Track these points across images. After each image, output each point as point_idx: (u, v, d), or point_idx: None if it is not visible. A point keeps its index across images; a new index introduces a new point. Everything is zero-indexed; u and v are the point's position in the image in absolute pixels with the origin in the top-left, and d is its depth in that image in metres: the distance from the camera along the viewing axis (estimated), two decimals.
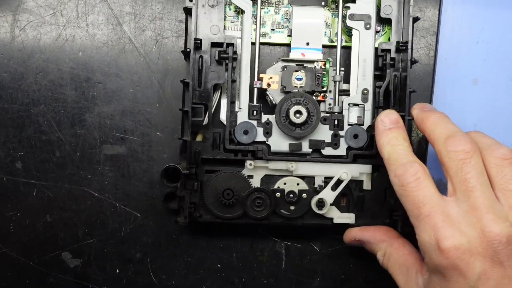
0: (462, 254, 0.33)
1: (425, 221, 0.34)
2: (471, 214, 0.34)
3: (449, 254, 0.33)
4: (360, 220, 0.45)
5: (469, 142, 0.35)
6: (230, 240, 0.48)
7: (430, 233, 0.34)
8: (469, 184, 0.34)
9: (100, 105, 0.47)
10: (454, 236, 0.33)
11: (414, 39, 0.47)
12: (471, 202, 0.34)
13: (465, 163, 0.35)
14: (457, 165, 0.35)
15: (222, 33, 0.44)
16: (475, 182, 0.34)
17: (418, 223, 0.35)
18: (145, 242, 0.48)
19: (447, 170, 0.35)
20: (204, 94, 0.44)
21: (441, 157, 0.36)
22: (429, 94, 0.48)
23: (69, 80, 0.47)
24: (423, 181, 0.35)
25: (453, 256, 0.33)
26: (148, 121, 0.47)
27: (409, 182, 0.35)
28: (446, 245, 0.33)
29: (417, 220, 0.35)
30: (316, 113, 0.43)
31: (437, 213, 0.34)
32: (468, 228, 0.33)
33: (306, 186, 0.45)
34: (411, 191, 0.35)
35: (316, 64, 0.44)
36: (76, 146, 0.47)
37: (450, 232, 0.33)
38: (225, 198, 0.44)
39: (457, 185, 0.35)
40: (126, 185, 0.48)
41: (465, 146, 0.35)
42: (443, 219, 0.34)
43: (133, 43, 0.48)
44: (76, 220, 0.48)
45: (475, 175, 0.34)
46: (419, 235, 0.35)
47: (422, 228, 0.34)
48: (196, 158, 0.44)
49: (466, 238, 0.33)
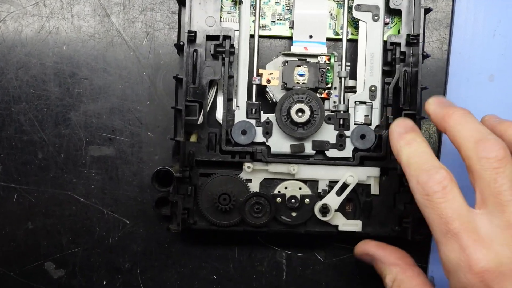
0: (496, 276, 0.32)
1: (454, 239, 0.33)
2: (505, 232, 0.32)
3: (483, 276, 0.32)
4: (368, 228, 0.45)
5: (503, 147, 0.34)
6: (226, 249, 0.48)
7: (460, 253, 0.32)
8: (503, 197, 0.33)
9: (86, 103, 0.47)
10: (488, 257, 0.32)
11: (426, 31, 0.47)
12: (506, 217, 0.32)
13: (499, 173, 0.33)
14: (490, 175, 0.33)
15: (218, 25, 0.44)
16: (510, 196, 0.33)
17: (445, 240, 0.33)
18: (135, 251, 0.48)
19: (477, 178, 0.34)
20: (198, 91, 0.43)
21: (470, 164, 0.34)
22: (442, 91, 0.47)
23: (52, 76, 0.47)
24: (451, 191, 0.33)
25: (487, 278, 0.32)
26: (138, 120, 0.47)
27: (435, 192, 0.33)
28: (480, 267, 0.32)
29: (444, 237, 0.33)
30: (319, 111, 0.43)
31: (468, 231, 0.32)
32: (502, 247, 0.32)
33: (309, 191, 0.45)
34: (438, 203, 0.33)
35: (320, 59, 0.44)
36: (60, 147, 0.47)
37: (484, 253, 0.32)
38: (221, 204, 0.43)
39: (489, 197, 0.33)
40: (114, 189, 0.48)
41: (498, 152, 0.33)
42: (475, 238, 0.32)
43: (122, 36, 0.48)
44: (60, 227, 0.48)
45: (510, 187, 0.33)
46: (445, 254, 0.33)
47: (450, 247, 0.33)
48: (190, 160, 0.44)
49: (499, 259, 0.32)
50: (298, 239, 0.48)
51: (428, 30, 0.48)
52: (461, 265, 0.32)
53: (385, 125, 0.45)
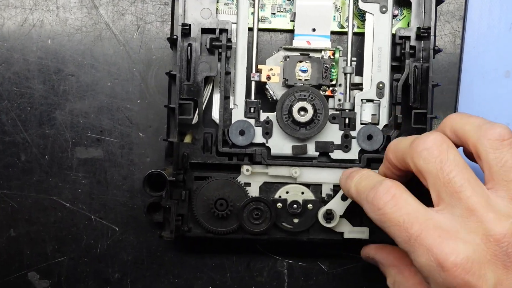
0: (470, 267, 0.32)
1: (418, 243, 0.33)
2: (468, 219, 0.33)
3: (456, 271, 0.32)
4: (375, 235, 0.45)
5: (437, 134, 0.35)
6: (223, 258, 0.48)
7: (428, 255, 0.32)
8: (455, 184, 0.33)
9: (73, 101, 0.47)
10: (456, 249, 0.32)
11: (438, 24, 0.47)
12: (463, 204, 0.33)
13: (443, 161, 0.34)
14: (434, 165, 0.34)
15: (215, 18, 0.44)
16: (461, 180, 0.33)
17: (411, 247, 0.33)
18: (125, 260, 0.48)
19: (426, 177, 0.34)
20: (193, 88, 0.44)
21: (414, 164, 0.35)
22: (455, 88, 0.48)
23: (36, 72, 0.47)
24: (401, 197, 0.34)
25: (462, 272, 0.32)
26: (129, 120, 0.47)
27: (385, 202, 0.34)
28: (451, 261, 0.32)
29: (408, 244, 0.33)
30: (323, 110, 0.43)
31: (429, 229, 0.33)
32: (469, 235, 0.32)
33: (312, 196, 0.45)
34: (392, 212, 0.34)
35: (323, 54, 0.44)
36: (45, 148, 0.47)
37: (451, 246, 0.32)
38: (217, 209, 0.44)
39: (442, 189, 0.34)
40: (102, 194, 0.48)
41: (435, 140, 0.34)
42: (439, 234, 0.32)
43: (111, 29, 0.48)
44: (44, 235, 0.48)
45: (459, 172, 0.33)
46: (416, 261, 0.33)
47: (418, 252, 0.33)
48: (184, 163, 0.44)
49: (470, 247, 0.32)
50: (301, 248, 0.48)
51: (439, 22, 0.48)
52: (433, 266, 0.32)
53: (393, 124, 0.45)
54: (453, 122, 0.36)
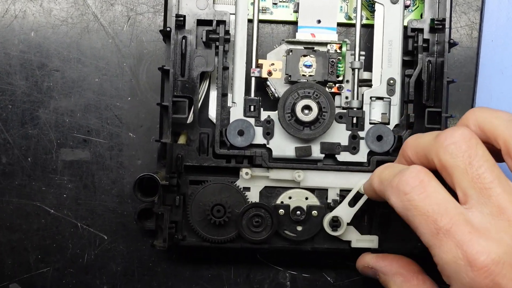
0: (501, 268, 0.32)
1: (447, 237, 0.33)
2: (498, 217, 0.33)
3: (487, 271, 0.32)
4: (385, 244, 0.44)
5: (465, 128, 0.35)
6: (220, 269, 0.48)
7: (456, 251, 0.32)
8: (485, 180, 0.33)
9: (58, 99, 0.47)
10: (488, 248, 0.32)
11: (453, 15, 0.47)
12: (494, 202, 0.33)
13: (471, 156, 0.34)
14: (463, 160, 0.34)
15: (211, 8, 0.44)
16: (491, 177, 0.33)
17: (437, 242, 0.33)
18: (114, 271, 0.48)
19: (452, 172, 0.34)
20: (188, 84, 0.44)
21: (439, 159, 0.35)
22: (472, 85, 0.48)
23: (18, 67, 0.47)
24: (429, 183, 0.34)
25: (492, 273, 0.32)
26: (118, 119, 0.47)
27: (413, 187, 0.34)
28: (481, 261, 0.32)
29: (435, 237, 0.33)
30: (329, 109, 0.43)
31: (460, 223, 0.33)
32: (499, 235, 0.32)
33: (317, 201, 0.45)
34: (419, 200, 0.34)
35: (329, 47, 0.44)
36: (27, 150, 0.47)
37: (483, 245, 0.32)
38: (214, 216, 0.43)
39: (470, 186, 0.34)
40: (89, 199, 0.47)
41: (463, 133, 0.34)
42: (469, 230, 0.33)
43: (99, 21, 0.48)
44: (27, 244, 0.47)
45: (488, 168, 0.33)
46: (440, 257, 0.33)
47: (444, 247, 0.33)
48: (178, 166, 0.44)
49: (501, 247, 0.32)
50: (304, 258, 0.48)
51: (455, 13, 0.48)
52: (461, 264, 0.32)
53: (405, 124, 0.45)
54: (479, 116, 0.36)
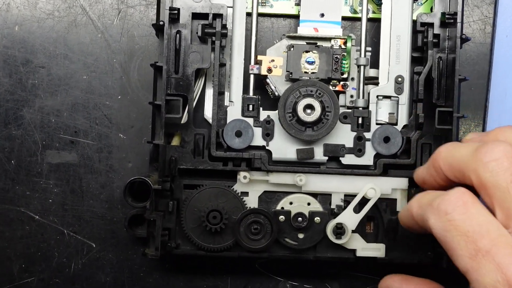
0: None
1: (486, 259, 0.32)
2: None
3: None
4: (393, 253, 0.44)
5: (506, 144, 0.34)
6: (217, 279, 0.48)
7: (496, 274, 0.32)
8: None
9: (43, 97, 0.47)
10: None
11: (466, 9, 0.47)
12: None
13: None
14: (505, 178, 0.33)
15: (208, 1, 0.44)
16: None
17: (475, 264, 0.32)
18: (103, 281, 0.48)
19: (491, 191, 0.34)
20: (182, 82, 0.44)
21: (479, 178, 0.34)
22: (485, 83, 0.48)
23: (1, 64, 0.47)
24: (473, 205, 0.34)
25: None
26: (107, 119, 0.47)
27: (455, 208, 0.34)
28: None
29: (473, 260, 0.33)
30: (333, 108, 0.43)
31: (501, 245, 0.32)
32: None
33: (319, 207, 0.44)
34: (461, 220, 0.33)
35: (333, 43, 0.44)
36: (11, 152, 0.47)
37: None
38: (210, 223, 0.43)
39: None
40: (77, 204, 0.47)
41: (505, 150, 0.34)
42: (511, 252, 0.32)
43: (88, 14, 0.48)
44: (10, 252, 0.47)
45: None
46: (477, 281, 0.32)
47: (483, 270, 0.32)
48: (171, 169, 0.44)
49: None
50: (306, 267, 0.48)
51: (467, 7, 0.48)
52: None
53: (414, 125, 0.44)
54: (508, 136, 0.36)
